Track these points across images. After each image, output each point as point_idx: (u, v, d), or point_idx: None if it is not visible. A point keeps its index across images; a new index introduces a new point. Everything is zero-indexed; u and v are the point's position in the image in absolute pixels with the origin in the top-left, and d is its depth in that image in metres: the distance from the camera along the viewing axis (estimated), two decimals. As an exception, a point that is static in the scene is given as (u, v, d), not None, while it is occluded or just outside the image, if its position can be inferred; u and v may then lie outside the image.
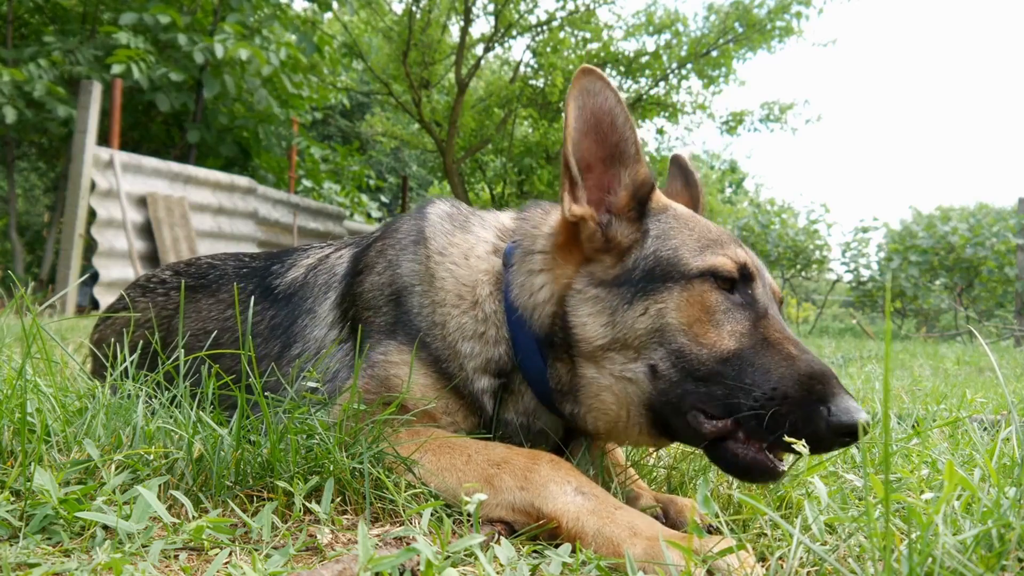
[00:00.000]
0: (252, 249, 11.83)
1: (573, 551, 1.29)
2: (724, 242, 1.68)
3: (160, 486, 1.42)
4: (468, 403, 1.78)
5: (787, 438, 1.39)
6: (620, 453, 1.90)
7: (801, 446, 1.36)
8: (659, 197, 1.77)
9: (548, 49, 17.45)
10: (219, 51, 11.99)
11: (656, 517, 1.54)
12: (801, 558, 1.24)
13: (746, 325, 1.57)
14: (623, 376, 1.60)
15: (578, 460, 1.81)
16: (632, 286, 1.62)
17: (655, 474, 1.97)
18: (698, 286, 1.58)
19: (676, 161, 2.20)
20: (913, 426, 2.37)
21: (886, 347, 0.89)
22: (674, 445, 2.18)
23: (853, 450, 2.01)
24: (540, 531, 1.38)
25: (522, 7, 17.06)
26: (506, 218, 2.01)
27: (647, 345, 1.57)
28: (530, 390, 1.77)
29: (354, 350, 1.87)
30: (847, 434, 1.39)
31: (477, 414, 1.79)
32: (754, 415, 1.44)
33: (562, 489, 1.40)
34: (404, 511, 1.43)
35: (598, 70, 1.64)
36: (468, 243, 1.90)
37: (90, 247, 9.60)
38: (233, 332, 2.20)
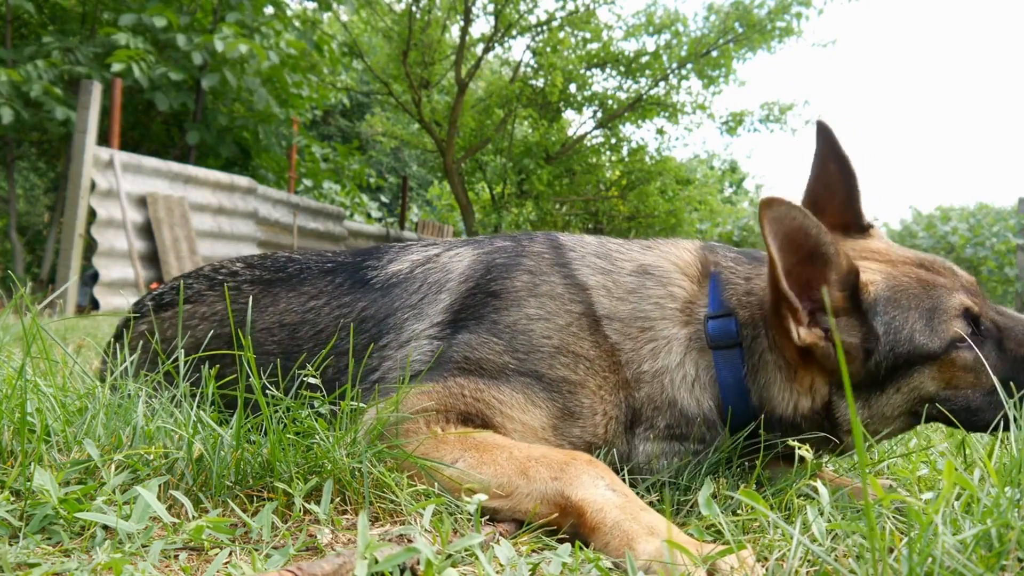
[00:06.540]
0: (252, 250, 11.84)
1: (572, 552, 1.29)
2: (940, 297, 1.70)
3: (160, 486, 1.42)
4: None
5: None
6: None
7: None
8: (863, 277, 1.72)
9: (548, 49, 17.42)
10: (219, 46, 11.97)
11: None
12: (801, 558, 1.24)
13: (994, 354, 1.70)
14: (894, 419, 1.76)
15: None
16: (879, 383, 1.70)
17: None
18: (945, 358, 1.68)
19: (823, 133, 1.91)
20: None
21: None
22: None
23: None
24: (547, 523, 1.40)
25: (522, 7, 17.03)
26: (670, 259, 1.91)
27: (908, 408, 1.73)
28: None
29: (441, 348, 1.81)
30: None
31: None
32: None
33: (594, 482, 1.43)
34: (405, 510, 1.43)
35: (779, 196, 1.60)
36: (661, 334, 1.80)
37: (90, 247, 9.60)
38: (313, 325, 2.06)
